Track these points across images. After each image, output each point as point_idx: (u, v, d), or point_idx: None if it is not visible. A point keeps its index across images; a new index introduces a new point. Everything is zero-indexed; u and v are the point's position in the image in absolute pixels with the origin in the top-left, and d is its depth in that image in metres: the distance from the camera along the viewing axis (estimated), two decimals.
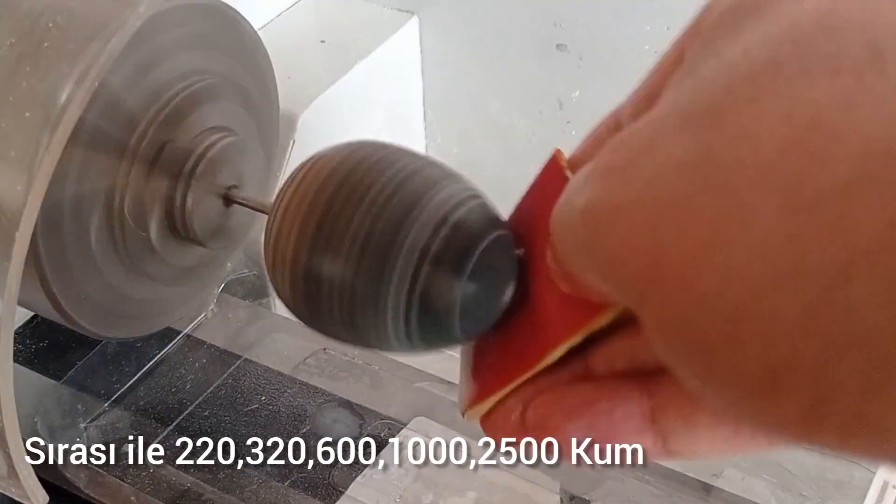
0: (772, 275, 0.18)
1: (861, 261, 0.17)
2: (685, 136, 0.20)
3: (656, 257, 0.20)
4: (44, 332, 0.56)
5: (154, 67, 0.42)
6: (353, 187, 0.30)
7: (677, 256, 0.20)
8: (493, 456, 0.50)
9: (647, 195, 0.20)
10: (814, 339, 0.18)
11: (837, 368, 0.18)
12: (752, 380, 0.19)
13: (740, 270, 0.18)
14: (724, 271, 0.19)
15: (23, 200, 0.34)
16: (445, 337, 0.30)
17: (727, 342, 0.19)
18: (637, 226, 0.20)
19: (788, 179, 0.18)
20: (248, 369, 0.55)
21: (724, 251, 0.19)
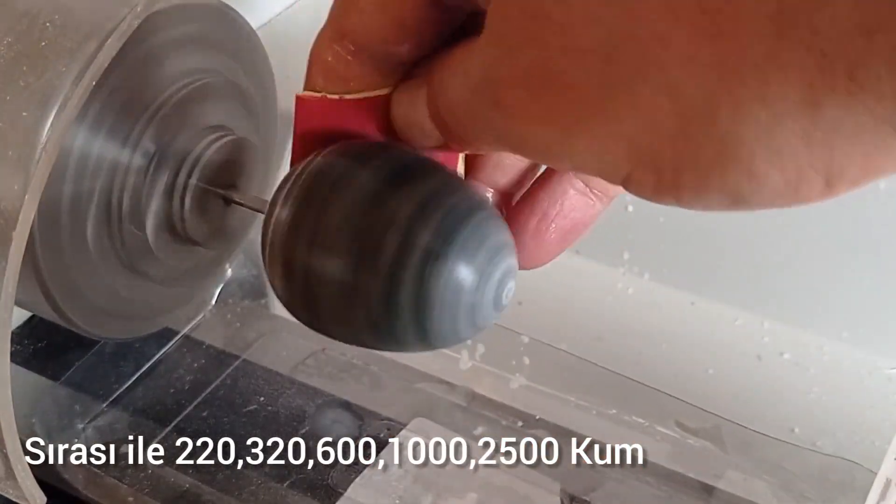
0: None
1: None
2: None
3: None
4: (41, 333, 0.56)
5: (152, 67, 0.41)
6: (350, 185, 0.29)
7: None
8: (494, 457, 0.49)
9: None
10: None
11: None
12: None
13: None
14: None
15: (20, 200, 0.34)
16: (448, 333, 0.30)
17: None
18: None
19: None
20: (246, 370, 0.55)
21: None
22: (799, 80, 0.19)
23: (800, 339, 0.59)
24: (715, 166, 0.21)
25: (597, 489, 0.48)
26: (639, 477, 0.48)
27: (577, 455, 0.50)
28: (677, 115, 0.21)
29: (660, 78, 0.20)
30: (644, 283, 0.62)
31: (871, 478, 0.46)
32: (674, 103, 0.20)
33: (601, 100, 0.22)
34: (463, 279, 0.29)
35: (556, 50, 0.22)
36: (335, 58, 0.29)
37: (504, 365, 0.53)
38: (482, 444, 0.50)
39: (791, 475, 0.48)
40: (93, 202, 0.41)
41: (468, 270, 0.29)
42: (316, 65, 0.30)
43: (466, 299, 0.29)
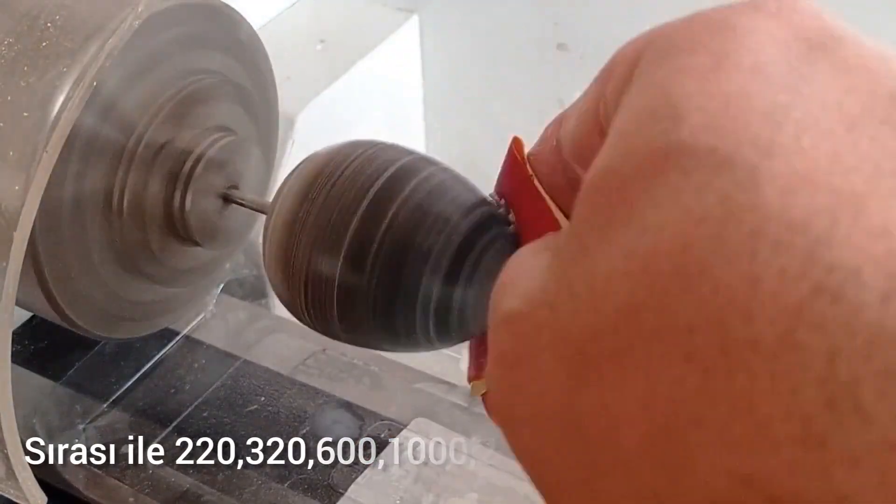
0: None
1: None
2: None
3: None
4: (42, 333, 0.56)
5: (152, 67, 0.41)
6: (351, 187, 0.29)
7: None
8: (494, 457, 0.49)
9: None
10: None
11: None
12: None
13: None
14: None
15: (21, 201, 0.34)
16: (449, 334, 0.30)
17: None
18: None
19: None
20: (247, 370, 0.55)
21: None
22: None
23: None
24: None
25: None
26: None
27: None
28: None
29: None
30: None
31: None
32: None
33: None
34: (467, 282, 0.29)
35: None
36: (551, 150, 0.25)
37: None
38: (482, 444, 0.50)
39: None
40: (93, 203, 0.41)
41: (475, 272, 0.29)
42: (547, 140, 0.26)
43: (470, 301, 0.29)
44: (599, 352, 0.17)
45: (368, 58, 0.68)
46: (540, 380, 0.18)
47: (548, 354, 0.18)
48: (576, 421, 0.17)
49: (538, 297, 0.18)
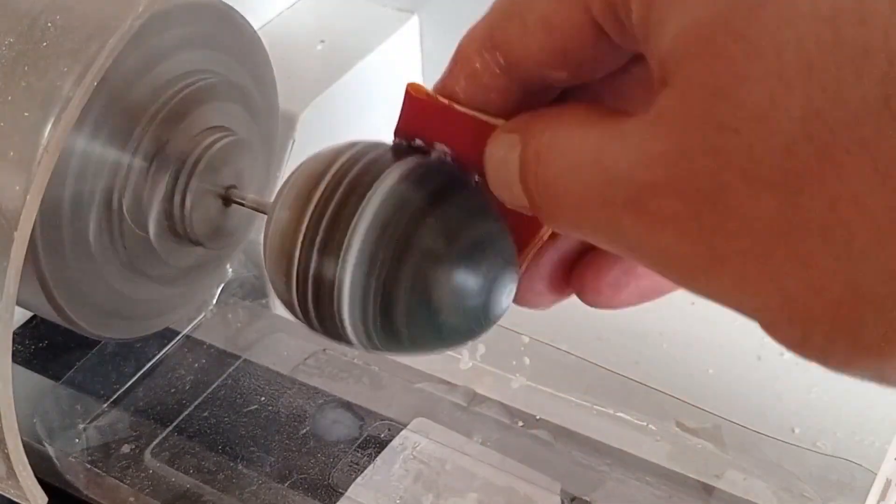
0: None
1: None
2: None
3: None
4: (43, 333, 0.56)
5: (153, 67, 0.42)
6: (352, 187, 0.29)
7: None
8: (494, 457, 0.50)
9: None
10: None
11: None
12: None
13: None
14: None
15: (21, 200, 0.34)
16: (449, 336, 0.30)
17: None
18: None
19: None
20: (247, 370, 0.55)
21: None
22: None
23: None
24: (874, 351, 0.18)
25: (597, 489, 0.48)
26: (639, 477, 0.48)
27: (577, 455, 0.50)
28: (850, 286, 0.18)
29: (842, 242, 0.18)
30: None
31: (871, 478, 0.46)
32: (849, 273, 0.18)
33: (768, 243, 0.19)
34: (464, 282, 0.29)
35: (736, 171, 0.19)
36: (483, 66, 0.26)
37: (504, 365, 0.53)
38: (482, 444, 0.50)
39: (791, 475, 0.48)
40: (94, 202, 0.41)
41: (469, 273, 0.29)
42: (461, 66, 0.27)
43: (467, 302, 0.29)
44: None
45: (369, 58, 0.68)
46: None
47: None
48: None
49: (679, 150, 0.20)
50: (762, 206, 0.19)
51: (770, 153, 0.18)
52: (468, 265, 0.29)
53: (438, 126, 0.29)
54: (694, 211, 0.20)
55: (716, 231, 0.20)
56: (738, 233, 0.19)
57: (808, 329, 0.19)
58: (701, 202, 0.20)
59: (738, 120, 0.19)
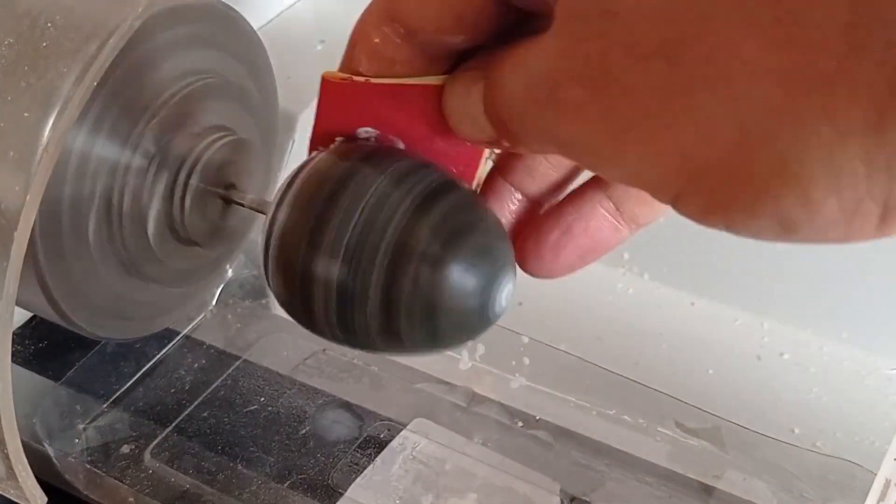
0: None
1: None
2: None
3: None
4: (42, 333, 0.56)
5: (153, 67, 0.41)
6: (351, 188, 0.29)
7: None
8: (494, 457, 0.50)
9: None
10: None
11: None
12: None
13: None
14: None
15: (21, 201, 0.34)
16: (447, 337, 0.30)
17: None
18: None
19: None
20: (247, 370, 0.55)
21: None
22: (867, 97, 0.18)
23: (800, 339, 0.59)
24: (770, 187, 0.20)
25: (597, 489, 0.48)
26: (639, 477, 0.48)
27: (576, 455, 0.50)
28: (736, 126, 0.20)
29: (723, 86, 0.20)
30: (644, 283, 0.62)
31: (871, 478, 0.46)
32: (734, 114, 0.20)
33: (659, 106, 0.21)
34: (462, 283, 0.29)
35: (620, 48, 0.21)
36: (383, 40, 0.28)
37: (504, 365, 0.53)
38: (482, 444, 0.50)
39: (791, 475, 0.48)
40: (94, 203, 0.41)
41: (467, 274, 0.29)
42: (360, 45, 0.29)
43: (465, 303, 0.29)
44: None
45: None
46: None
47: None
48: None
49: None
50: (649, 76, 0.21)
51: (648, 26, 0.21)
52: (466, 266, 0.29)
53: (360, 108, 0.30)
54: (592, 94, 0.22)
55: (612, 109, 0.22)
56: (632, 106, 0.21)
57: (709, 186, 0.21)
58: (596, 84, 0.22)
59: (617, 4, 0.21)
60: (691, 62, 0.20)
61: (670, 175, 0.21)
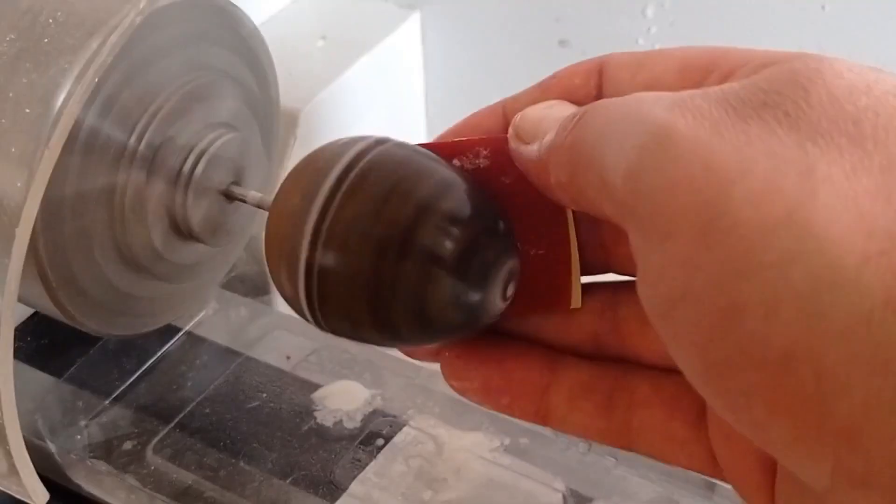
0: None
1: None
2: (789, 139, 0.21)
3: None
4: (44, 330, 0.56)
5: (155, 63, 0.41)
6: (354, 182, 0.29)
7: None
8: (496, 453, 0.50)
9: (739, 151, 0.21)
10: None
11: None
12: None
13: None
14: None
15: (23, 197, 0.34)
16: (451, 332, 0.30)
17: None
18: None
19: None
20: (249, 366, 0.55)
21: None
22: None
23: None
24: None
25: (599, 486, 0.48)
26: (641, 473, 0.48)
27: (579, 451, 0.50)
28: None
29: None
30: None
31: None
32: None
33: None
34: (465, 279, 0.29)
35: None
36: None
37: None
38: (485, 441, 0.50)
39: None
40: (95, 199, 0.41)
41: (470, 270, 0.29)
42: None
43: (469, 299, 0.29)
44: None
45: (370, 54, 0.68)
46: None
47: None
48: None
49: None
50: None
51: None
52: (469, 262, 0.29)
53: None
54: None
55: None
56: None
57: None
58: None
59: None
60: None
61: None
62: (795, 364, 0.19)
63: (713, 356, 0.21)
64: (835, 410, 0.19)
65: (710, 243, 0.20)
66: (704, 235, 0.20)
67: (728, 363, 0.21)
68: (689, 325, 0.21)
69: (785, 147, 0.20)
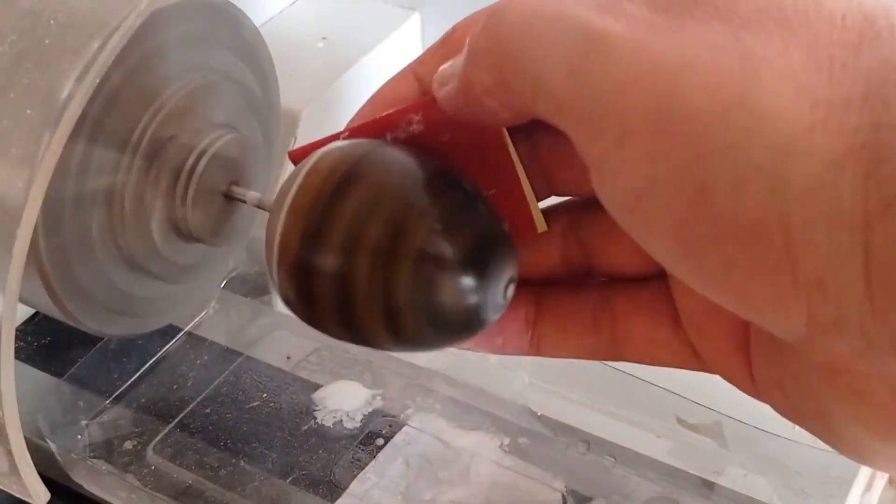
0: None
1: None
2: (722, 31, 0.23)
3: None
4: (45, 330, 0.56)
5: (155, 64, 0.42)
6: (354, 185, 0.30)
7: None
8: (496, 453, 0.50)
9: (680, 46, 0.23)
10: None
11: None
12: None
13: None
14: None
15: (24, 197, 0.34)
16: (449, 335, 0.30)
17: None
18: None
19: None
20: (249, 366, 0.55)
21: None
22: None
23: None
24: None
25: (598, 485, 0.48)
26: (640, 473, 0.48)
27: (578, 451, 0.50)
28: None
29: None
30: None
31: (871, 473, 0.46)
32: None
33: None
34: (465, 282, 0.29)
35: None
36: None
37: (506, 361, 0.53)
38: (485, 441, 0.50)
39: (792, 472, 0.48)
40: (96, 199, 0.41)
41: (470, 273, 0.29)
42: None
43: (468, 301, 0.29)
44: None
45: (370, 55, 0.68)
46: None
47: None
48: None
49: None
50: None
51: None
52: (469, 264, 0.29)
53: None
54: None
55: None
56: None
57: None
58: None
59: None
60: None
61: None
62: (765, 230, 0.21)
63: (687, 235, 0.22)
64: (804, 266, 0.21)
65: (670, 133, 0.22)
66: (662, 126, 0.22)
67: (703, 240, 0.22)
68: (659, 212, 0.23)
69: (723, 38, 0.22)
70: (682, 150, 0.22)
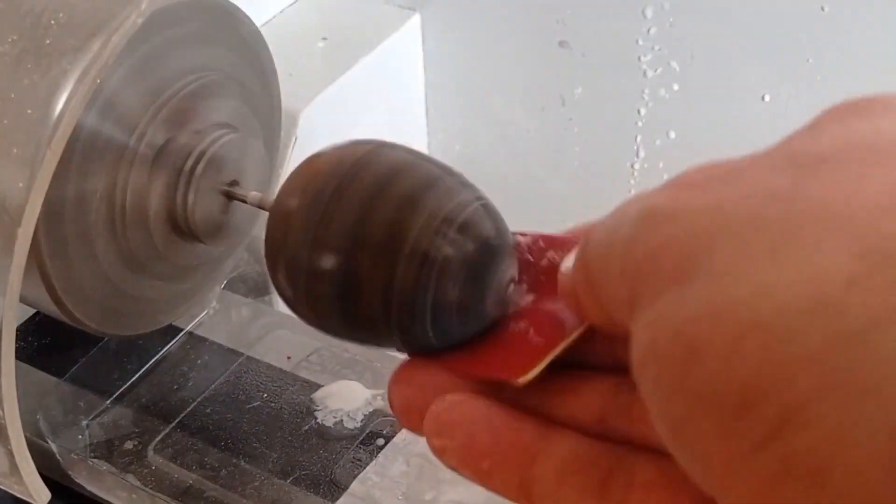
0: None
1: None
2: (783, 174, 0.20)
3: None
4: (46, 329, 0.56)
5: (155, 64, 0.42)
6: (354, 186, 0.30)
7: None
8: None
9: (721, 205, 0.20)
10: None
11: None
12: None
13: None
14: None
15: (25, 197, 0.34)
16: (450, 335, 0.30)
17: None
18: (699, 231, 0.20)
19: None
20: (250, 366, 0.55)
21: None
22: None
23: None
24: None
25: None
26: None
27: None
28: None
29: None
30: None
31: None
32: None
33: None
34: (465, 282, 0.29)
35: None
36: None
37: None
38: None
39: None
40: (97, 199, 0.41)
41: (471, 273, 0.29)
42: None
43: (469, 301, 0.29)
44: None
45: (371, 55, 0.68)
46: (755, 175, 0.20)
47: (765, 164, 0.20)
48: (801, 190, 0.19)
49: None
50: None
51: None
52: (470, 264, 0.29)
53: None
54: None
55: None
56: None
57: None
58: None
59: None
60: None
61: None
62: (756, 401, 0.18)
63: (674, 411, 0.19)
64: (799, 448, 0.17)
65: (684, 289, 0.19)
66: (678, 284, 0.20)
67: (687, 417, 0.19)
68: (651, 383, 0.20)
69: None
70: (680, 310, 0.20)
